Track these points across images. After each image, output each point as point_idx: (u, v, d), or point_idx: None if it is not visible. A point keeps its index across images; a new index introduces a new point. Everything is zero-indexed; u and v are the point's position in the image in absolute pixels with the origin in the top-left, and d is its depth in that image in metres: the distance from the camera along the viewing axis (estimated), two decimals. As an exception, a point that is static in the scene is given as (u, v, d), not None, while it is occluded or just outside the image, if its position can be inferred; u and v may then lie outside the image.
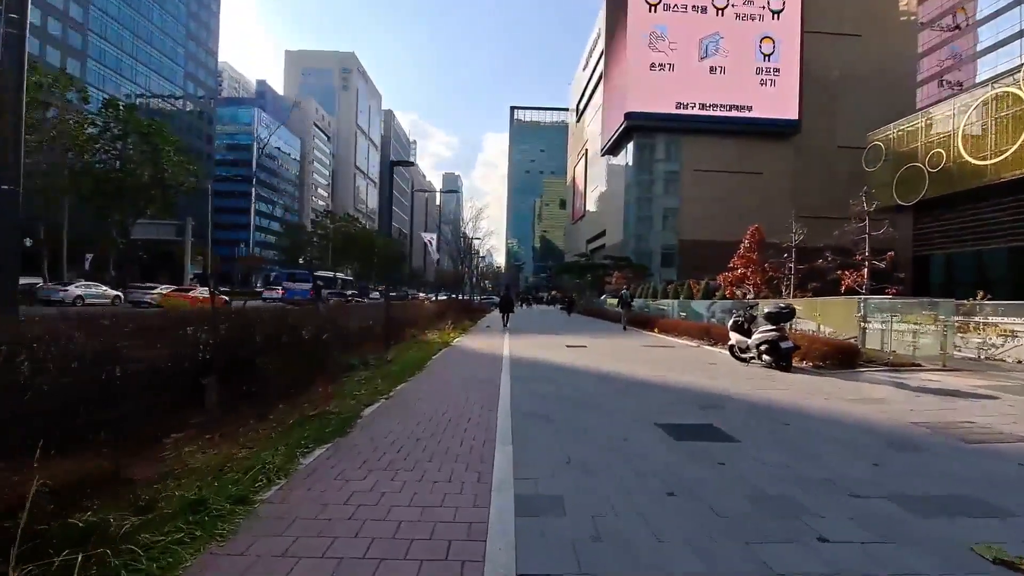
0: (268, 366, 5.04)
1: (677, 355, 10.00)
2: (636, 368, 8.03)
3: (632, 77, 57.53)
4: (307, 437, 3.82)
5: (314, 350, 6.55)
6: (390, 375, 6.74)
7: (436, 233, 28.07)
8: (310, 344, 6.40)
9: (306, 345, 6.34)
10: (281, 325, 5.89)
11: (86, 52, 56.67)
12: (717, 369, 7.99)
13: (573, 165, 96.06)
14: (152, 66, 66.92)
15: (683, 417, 4.76)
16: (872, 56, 60.18)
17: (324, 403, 5.10)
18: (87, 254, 36.87)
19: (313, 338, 6.50)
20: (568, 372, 7.61)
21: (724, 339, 11.39)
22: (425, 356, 8.92)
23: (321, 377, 6.29)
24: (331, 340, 7.16)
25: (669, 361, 8.98)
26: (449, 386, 6.27)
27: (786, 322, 7.68)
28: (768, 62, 58.83)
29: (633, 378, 7.03)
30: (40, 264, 27.58)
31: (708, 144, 58.23)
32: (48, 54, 51.22)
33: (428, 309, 17.08)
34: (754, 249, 16.87)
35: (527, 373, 7.40)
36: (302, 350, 6.20)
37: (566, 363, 8.64)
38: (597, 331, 17.11)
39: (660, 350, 11.02)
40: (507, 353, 10.03)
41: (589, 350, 10.93)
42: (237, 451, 3.55)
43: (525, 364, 8.47)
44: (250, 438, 3.94)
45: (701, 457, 3.55)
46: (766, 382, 6.78)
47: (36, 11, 50.89)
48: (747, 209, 57.09)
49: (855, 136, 59.04)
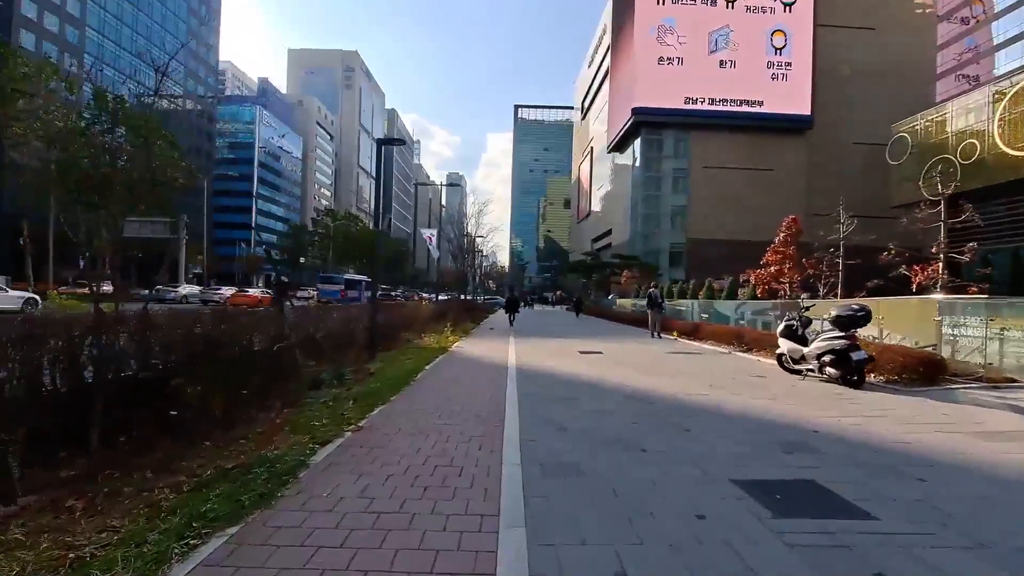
0: (189, 390, 3.67)
1: (713, 365, 8.57)
2: (672, 383, 6.60)
3: (639, 71, 56.00)
4: (207, 513, 2.43)
5: (271, 365, 5.18)
6: (367, 394, 5.36)
7: (436, 229, 26.70)
8: (264, 357, 5.04)
9: (258, 359, 4.97)
10: (222, 334, 4.53)
11: (83, 48, 55.69)
12: (771, 385, 6.56)
13: (578, 163, 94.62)
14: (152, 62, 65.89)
15: (765, 465, 3.35)
16: (887, 50, 58.38)
17: (266, 441, 3.71)
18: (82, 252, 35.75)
19: (269, 350, 5.14)
20: (589, 389, 6.19)
21: (759, 345, 9.96)
22: (416, 367, 7.53)
23: (278, 399, 4.92)
24: (296, 350, 5.79)
25: (707, 373, 7.55)
26: (439, 411, 4.87)
27: (860, 327, 6.25)
28: (779, 56, 57.16)
29: (675, 399, 5.61)
30: (23, 263, 26.34)
31: (718, 140, 56.62)
32: (45, 49, 50.20)
33: (426, 310, 15.72)
34: (790, 243, 15.19)
35: (539, 390, 6.00)
36: (253, 366, 4.83)
37: (584, 376, 7.23)
38: (609, 334, 15.68)
39: (689, 358, 9.58)
40: (513, 362, 8.64)
41: (606, 358, 9.51)
42: (77, 538, 2.18)
43: (535, 377, 7.07)
44: (122, 508, 2.58)
45: (832, 559, 2.15)
46: (842, 404, 5.36)
47: (33, 5, 50.02)
48: (758, 207, 55.53)
49: (870, 132, 57.38)
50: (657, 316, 14.31)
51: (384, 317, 11.94)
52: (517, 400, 5.37)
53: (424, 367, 7.76)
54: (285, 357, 5.45)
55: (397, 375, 6.56)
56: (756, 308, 12.19)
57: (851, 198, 51.95)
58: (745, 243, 53.14)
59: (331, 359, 7.33)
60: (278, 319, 5.93)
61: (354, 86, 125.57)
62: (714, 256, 50.51)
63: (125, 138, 22.05)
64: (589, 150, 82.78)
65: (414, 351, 9.87)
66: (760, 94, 56.78)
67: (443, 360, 8.82)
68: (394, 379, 6.24)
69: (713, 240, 54.44)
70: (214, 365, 4.00)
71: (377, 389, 5.61)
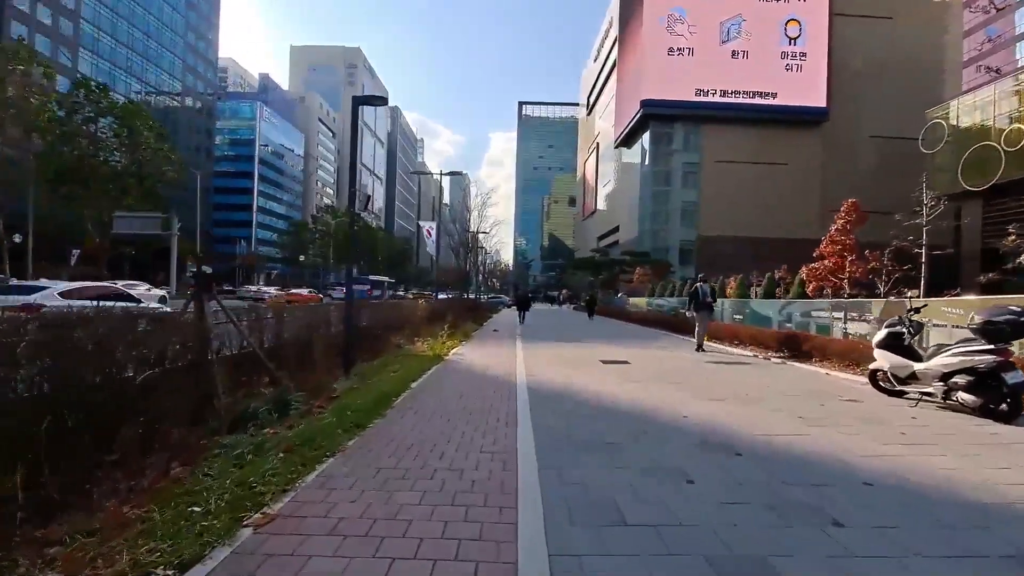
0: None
1: (777, 381, 6.77)
2: (747, 414, 4.81)
3: (648, 62, 54.02)
4: None
5: (166, 399, 3.45)
6: (310, 438, 3.60)
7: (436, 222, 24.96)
8: (151, 390, 3.30)
9: (139, 394, 3.23)
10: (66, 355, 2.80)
11: (78, 41, 54.32)
12: (880, 415, 4.77)
13: (583, 160, 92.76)
14: (149, 57, 64.60)
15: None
16: (905, 40, 56.14)
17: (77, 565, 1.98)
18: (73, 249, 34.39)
19: (162, 377, 3.41)
20: (633, 423, 4.41)
21: (821, 353, 8.15)
22: (397, 386, 5.77)
23: (171, 450, 3.20)
24: (216, 372, 4.05)
25: (779, 395, 5.75)
26: (410, 476, 3.11)
27: (1018, 339, 4.46)
28: (794, 46, 55.06)
29: (770, 447, 3.80)
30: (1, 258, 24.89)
31: (730, 133, 54.58)
32: (37, 42, 48.85)
33: (423, 310, 13.97)
34: (849, 230, 13.15)
35: (561, 425, 4.24)
36: (127, 407, 3.11)
37: (618, 398, 5.46)
38: (628, 338, 13.88)
39: (741, 371, 7.79)
40: (522, 376, 6.88)
41: (636, 369, 7.74)
42: None
43: (553, 400, 5.31)
44: None
45: None
46: (1008, 453, 3.58)
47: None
48: (771, 202, 53.50)
49: (887, 125, 55.21)
50: (706, 321, 10.38)
51: (373, 319, 10.22)
52: (533, 447, 3.60)
53: (409, 385, 6.00)
54: (192, 384, 3.72)
55: (367, 401, 4.80)
56: (807, 309, 10.35)
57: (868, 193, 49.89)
58: (759, 240, 51.27)
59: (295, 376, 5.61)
60: (198, 327, 4.19)
61: (357, 83, 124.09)
62: (726, 253, 48.53)
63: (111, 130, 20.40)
64: (595, 146, 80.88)
65: (403, 360, 8.13)
66: (774, 86, 54.73)
67: (435, 374, 7.06)
68: (360, 409, 4.48)
69: (725, 237, 52.49)
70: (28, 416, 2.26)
71: (329, 428, 3.85)
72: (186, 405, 3.72)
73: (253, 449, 3.35)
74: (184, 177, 34.01)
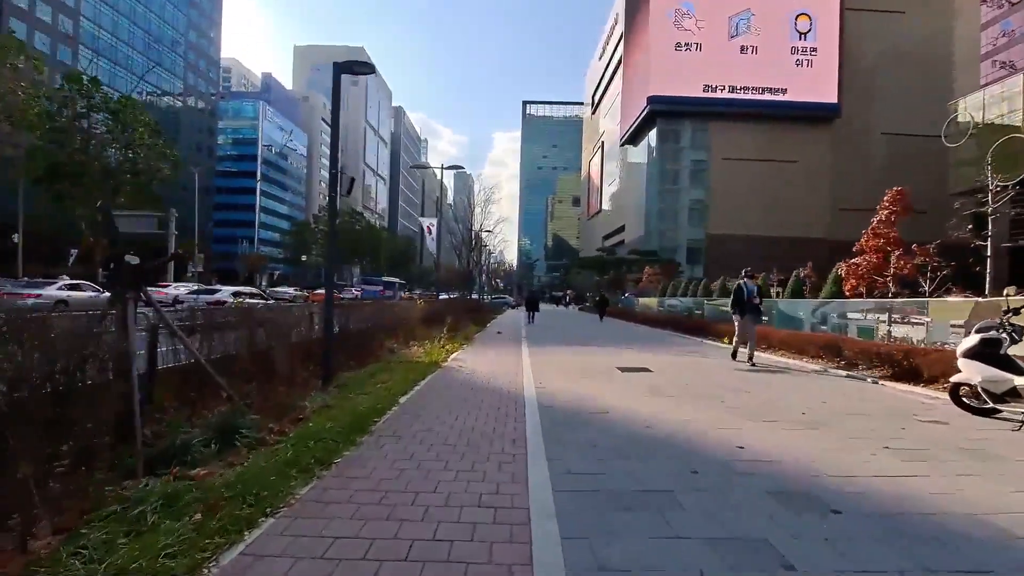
0: None
1: (833, 395, 5.78)
2: (813, 441, 3.83)
3: (655, 58, 52.95)
4: None
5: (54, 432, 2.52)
6: (253, 481, 2.65)
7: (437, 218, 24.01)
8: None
9: None
10: None
11: (78, 38, 53.77)
12: (985, 445, 3.78)
13: (588, 159, 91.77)
14: (150, 55, 64.04)
15: None
16: (917, 34, 54.82)
17: None
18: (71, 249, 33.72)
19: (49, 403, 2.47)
20: (674, 458, 3.44)
21: (867, 360, 7.15)
22: (381, 402, 4.82)
23: (52, 504, 2.27)
24: (136, 392, 3.12)
25: (843, 415, 4.76)
26: (378, 551, 2.16)
27: None
28: (804, 41, 53.88)
29: (868, 497, 2.82)
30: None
31: (738, 130, 53.49)
32: (36, 39, 48.34)
33: (421, 311, 13.04)
34: (894, 222, 11.96)
35: (587, 465, 3.27)
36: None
37: (650, 420, 4.48)
38: (643, 341, 12.88)
39: (783, 382, 6.80)
40: (531, 388, 5.92)
41: (660, 379, 6.76)
42: None
43: (569, 422, 4.34)
44: None
45: None
46: None
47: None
48: (781, 201, 52.31)
49: (900, 121, 53.91)
50: (754, 327, 8.54)
51: (363, 321, 9.29)
52: (551, 501, 2.64)
53: (397, 400, 5.05)
54: (103, 410, 2.78)
55: (340, 424, 3.85)
56: (845, 310, 9.32)
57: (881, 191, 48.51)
58: (769, 238, 50.11)
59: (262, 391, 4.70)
60: (119, 335, 3.26)
61: (360, 83, 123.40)
62: (735, 252, 47.44)
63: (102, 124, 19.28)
64: (600, 145, 79.85)
65: (394, 369, 7.19)
66: (784, 81, 53.60)
67: (429, 386, 6.11)
68: (328, 436, 3.53)
69: (734, 236, 51.38)
70: None
71: (280, 466, 2.90)
72: (88, 438, 2.78)
73: (162, 504, 2.41)
74: (180, 174, 33.18)
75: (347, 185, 5.60)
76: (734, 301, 8.49)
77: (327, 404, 4.70)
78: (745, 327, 8.48)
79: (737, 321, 8.57)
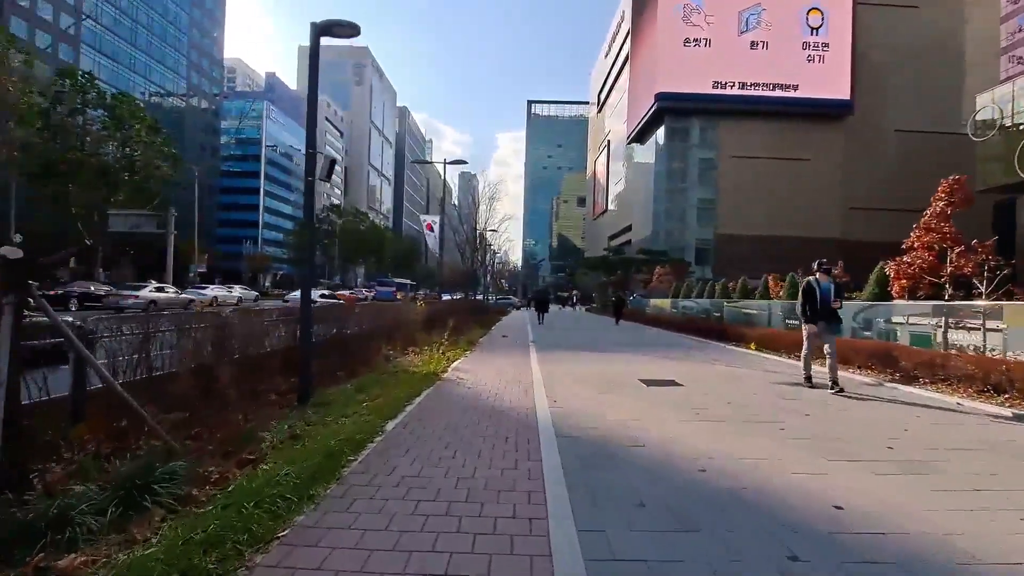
0: None
1: (920, 423, 4.80)
2: (941, 501, 2.88)
3: (663, 54, 51.85)
4: None
5: None
6: None
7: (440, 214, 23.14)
8: None
9: None
10: None
11: (79, 37, 53.37)
12: None
13: (594, 159, 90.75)
14: (153, 54, 63.68)
15: None
16: (931, 30, 53.45)
17: None
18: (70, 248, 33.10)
19: None
20: (752, 526, 2.50)
21: (929, 373, 6.15)
22: (361, 431, 3.89)
23: None
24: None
25: (955, 454, 3.80)
26: None
27: None
28: (816, 36, 52.60)
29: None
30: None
31: (748, 128, 52.27)
32: (37, 37, 47.96)
33: (420, 312, 12.12)
34: (950, 215, 10.77)
35: (634, 543, 2.33)
36: None
37: (701, 459, 3.54)
38: (662, 347, 11.90)
39: (845, 402, 5.83)
40: (544, 408, 4.99)
41: (696, 395, 5.80)
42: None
43: (600, 463, 3.41)
44: None
45: None
46: None
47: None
48: (792, 200, 51.05)
49: (915, 118, 52.54)
50: (831, 339, 6.32)
51: (356, 325, 8.41)
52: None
53: (383, 427, 4.13)
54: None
55: (303, 467, 2.93)
56: (890, 313, 8.30)
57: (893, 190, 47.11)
58: (778, 238, 48.87)
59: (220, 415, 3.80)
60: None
61: (364, 82, 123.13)
62: (745, 253, 46.32)
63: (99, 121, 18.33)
64: (605, 144, 78.78)
65: (386, 381, 6.28)
66: (795, 78, 52.35)
67: (423, 405, 5.18)
68: (282, 485, 2.60)
69: (743, 236, 50.22)
70: None
71: (196, 547, 1.98)
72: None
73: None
74: (179, 173, 32.48)
75: (326, 167, 4.69)
76: (804, 304, 6.49)
77: (295, 434, 3.78)
78: (819, 339, 6.45)
79: (807, 331, 6.57)
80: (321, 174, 4.79)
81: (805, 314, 6.50)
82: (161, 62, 65.06)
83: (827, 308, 6.31)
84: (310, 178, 4.71)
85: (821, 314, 6.34)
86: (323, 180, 4.92)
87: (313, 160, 4.67)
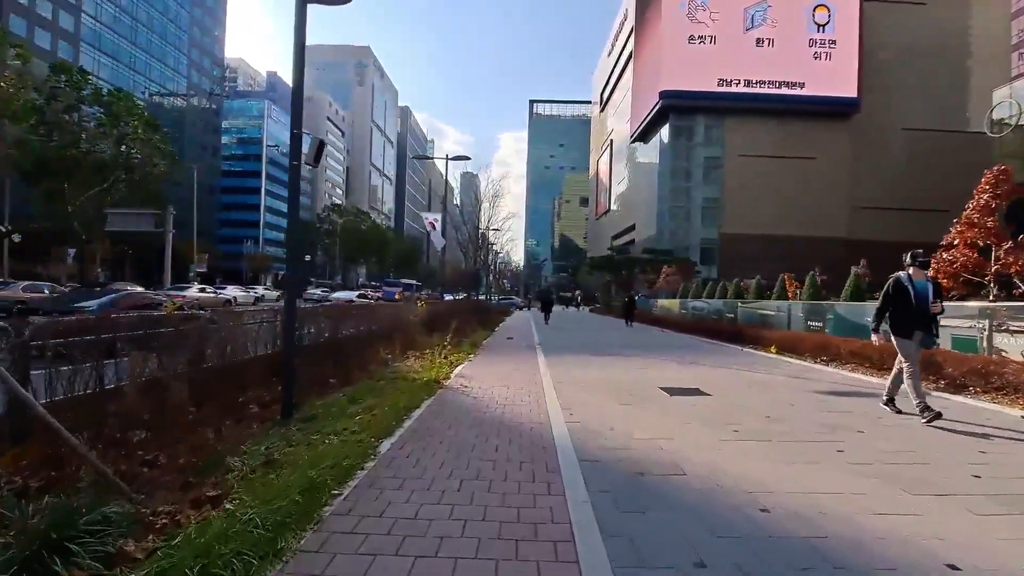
0: None
1: (1004, 449, 4.23)
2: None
3: (668, 51, 51.24)
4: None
5: None
6: None
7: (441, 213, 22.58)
8: None
9: None
10: None
11: (79, 36, 52.94)
12: None
13: (596, 158, 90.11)
14: (153, 53, 63.26)
15: None
16: (938, 27, 52.71)
17: None
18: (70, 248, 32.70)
19: None
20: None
21: (974, 382, 5.55)
22: (349, 453, 3.31)
23: None
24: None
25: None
26: None
27: None
28: (822, 33, 51.95)
29: None
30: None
31: (754, 126, 51.66)
32: (37, 36, 47.56)
33: (421, 314, 11.56)
34: (994, 209, 10.10)
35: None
36: None
37: (754, 491, 2.95)
38: (676, 350, 11.30)
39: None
40: (559, 421, 4.41)
41: (729, 407, 5.22)
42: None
43: (639, 501, 2.82)
44: None
45: None
46: None
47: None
48: (798, 199, 50.39)
49: (922, 116, 51.83)
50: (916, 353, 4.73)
51: (352, 327, 7.85)
52: None
53: (376, 448, 3.55)
54: None
55: (271, 511, 2.35)
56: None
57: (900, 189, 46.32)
58: (784, 238, 48.17)
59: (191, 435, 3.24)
60: None
61: (366, 82, 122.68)
62: (750, 252, 45.66)
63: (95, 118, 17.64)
64: (608, 143, 78.15)
65: (383, 390, 5.71)
66: (801, 75, 51.72)
67: (422, 419, 4.60)
68: (233, 551, 2.03)
69: (749, 235, 49.57)
70: None
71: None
72: None
73: None
74: (177, 171, 31.95)
75: (314, 151, 4.11)
76: (884, 307, 4.92)
77: (270, 458, 3.20)
78: (902, 351, 4.75)
79: (898, 344, 4.78)
80: (308, 158, 4.22)
81: (891, 321, 4.83)
82: (162, 61, 64.63)
83: (925, 314, 4.63)
84: (295, 162, 4.13)
85: (917, 322, 4.64)
86: (310, 164, 4.35)
87: (298, 142, 4.09)
